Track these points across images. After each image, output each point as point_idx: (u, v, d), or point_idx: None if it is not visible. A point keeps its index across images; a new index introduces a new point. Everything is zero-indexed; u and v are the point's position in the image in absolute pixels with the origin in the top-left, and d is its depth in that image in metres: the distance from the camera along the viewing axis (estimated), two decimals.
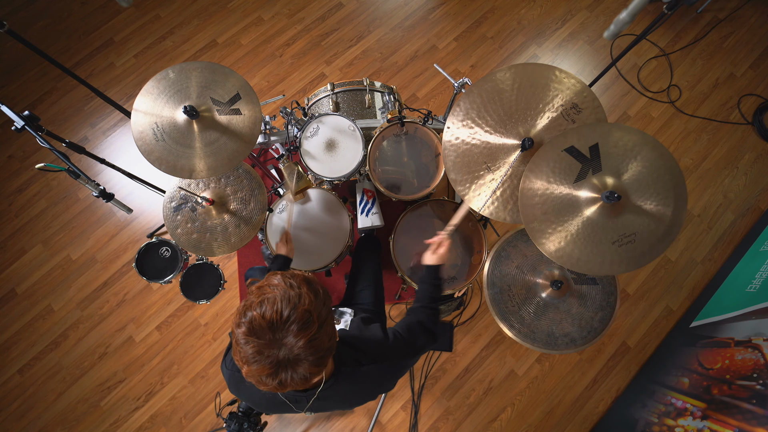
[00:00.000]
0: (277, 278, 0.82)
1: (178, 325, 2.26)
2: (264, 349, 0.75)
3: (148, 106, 1.28)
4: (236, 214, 1.49)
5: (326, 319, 0.82)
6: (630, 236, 1.06)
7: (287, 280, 0.81)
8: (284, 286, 0.80)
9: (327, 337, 0.81)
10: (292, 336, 0.75)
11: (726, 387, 1.71)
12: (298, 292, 0.79)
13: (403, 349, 1.08)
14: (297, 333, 0.75)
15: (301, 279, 0.83)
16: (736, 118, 2.62)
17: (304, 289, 0.80)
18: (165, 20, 2.75)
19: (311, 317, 0.78)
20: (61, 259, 2.35)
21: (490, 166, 1.23)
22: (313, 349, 0.77)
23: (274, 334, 0.75)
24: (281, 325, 0.75)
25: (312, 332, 0.77)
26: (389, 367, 1.04)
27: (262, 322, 0.75)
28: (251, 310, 0.77)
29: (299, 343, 0.75)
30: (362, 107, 1.80)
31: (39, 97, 2.60)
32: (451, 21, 2.76)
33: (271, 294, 0.78)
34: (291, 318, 0.76)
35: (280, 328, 0.75)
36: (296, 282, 0.81)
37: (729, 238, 2.43)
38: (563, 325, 1.34)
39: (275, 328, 0.75)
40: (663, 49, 2.71)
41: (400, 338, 1.09)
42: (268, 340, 0.75)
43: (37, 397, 2.17)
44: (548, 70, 1.21)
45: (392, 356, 1.06)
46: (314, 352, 0.78)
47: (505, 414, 2.18)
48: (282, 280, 0.81)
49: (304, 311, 0.77)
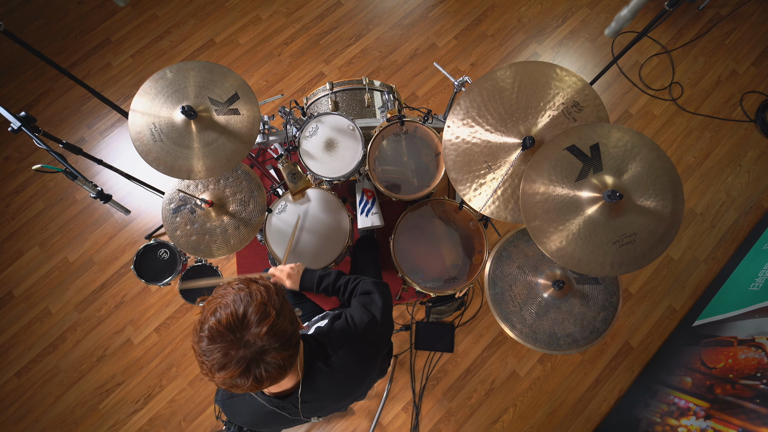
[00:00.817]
0: (223, 287, 0.85)
1: (177, 327, 2.26)
2: (230, 351, 0.76)
3: (145, 107, 1.28)
4: (235, 216, 1.49)
5: (282, 306, 0.84)
6: (631, 236, 1.06)
7: (234, 284, 0.84)
8: (233, 290, 0.82)
9: (288, 321, 0.83)
10: (253, 328, 0.77)
11: (729, 386, 1.71)
12: (248, 291, 0.82)
13: (361, 321, 1.06)
14: (257, 324, 0.78)
15: (248, 280, 0.86)
16: (739, 116, 2.62)
17: (252, 287, 0.83)
18: (162, 19, 2.75)
19: (266, 308, 0.80)
20: (58, 261, 2.35)
21: (491, 165, 1.23)
22: (277, 335, 0.79)
23: (235, 334, 0.77)
24: (239, 324, 0.78)
25: (271, 320, 0.79)
26: (357, 342, 1.03)
27: (220, 327, 0.77)
28: (207, 321, 0.78)
29: (261, 332, 0.77)
30: (361, 106, 1.80)
31: (35, 98, 2.60)
32: (451, 19, 2.76)
33: (222, 300, 0.80)
34: (247, 313, 0.78)
35: (239, 328, 0.77)
36: (243, 283, 0.84)
37: (732, 236, 2.43)
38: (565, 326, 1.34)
39: (235, 328, 0.77)
40: (664, 47, 2.71)
41: (355, 315, 1.07)
42: (231, 341, 0.76)
43: (34, 401, 2.17)
44: (549, 68, 1.21)
45: (354, 333, 1.04)
46: (278, 338, 0.79)
47: (507, 415, 2.18)
48: (228, 286, 0.84)
49: (259, 304, 0.80)
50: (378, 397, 2.16)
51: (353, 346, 1.03)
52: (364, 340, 1.05)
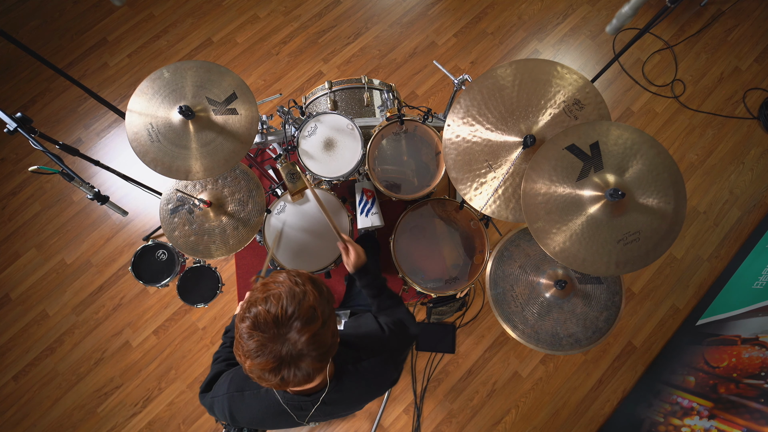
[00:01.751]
0: (282, 276, 0.84)
1: (176, 329, 2.26)
2: (267, 343, 0.76)
3: (142, 107, 1.28)
4: (234, 216, 1.49)
5: (329, 317, 0.84)
6: (634, 234, 1.06)
7: (292, 277, 0.83)
8: (289, 283, 0.82)
9: (330, 333, 0.83)
10: (295, 332, 0.77)
11: (733, 386, 1.71)
12: (303, 289, 0.81)
13: (398, 338, 1.11)
14: (301, 329, 0.77)
15: (306, 277, 0.85)
16: (742, 113, 2.62)
17: (308, 287, 0.82)
18: (159, 19, 2.75)
19: (315, 313, 0.80)
20: (55, 263, 2.35)
21: (492, 164, 1.23)
22: (317, 344, 0.79)
23: (278, 329, 0.77)
24: (285, 321, 0.77)
25: (316, 328, 0.79)
26: (390, 356, 1.06)
27: (267, 317, 0.77)
28: (256, 305, 0.79)
29: (303, 338, 0.77)
30: (361, 105, 1.80)
31: (31, 99, 2.60)
32: (451, 17, 2.76)
33: (276, 290, 0.80)
34: (295, 314, 0.78)
35: (284, 324, 0.77)
36: (301, 279, 0.84)
37: (735, 234, 2.44)
38: (567, 326, 1.34)
39: (279, 324, 0.77)
40: (667, 42, 2.71)
41: (393, 330, 1.12)
42: (272, 335, 0.77)
43: (32, 404, 2.17)
44: (550, 66, 1.21)
45: (390, 347, 1.08)
46: (317, 347, 0.79)
47: (510, 416, 2.18)
48: (287, 278, 0.83)
49: (309, 307, 0.79)
50: (379, 399, 2.16)
51: (386, 357, 1.05)
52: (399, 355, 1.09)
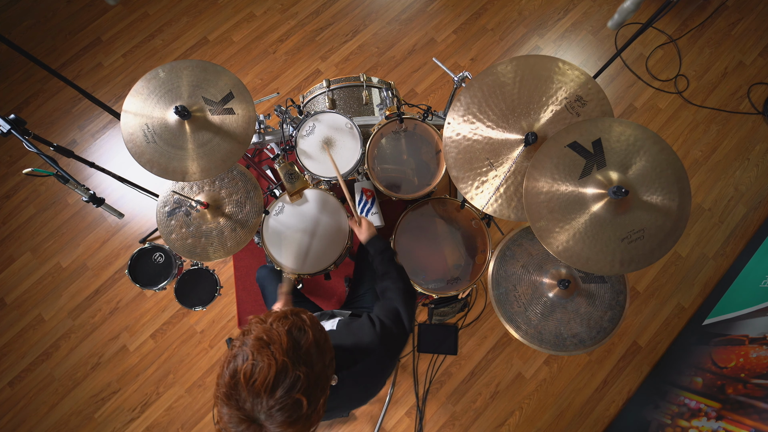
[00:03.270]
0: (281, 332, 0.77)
1: (174, 333, 2.26)
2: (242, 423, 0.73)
3: (137, 107, 1.28)
4: (232, 218, 1.49)
5: (319, 405, 0.78)
6: (639, 232, 1.06)
7: (291, 341, 0.77)
8: (285, 353, 0.75)
9: (313, 424, 0.78)
10: (275, 425, 0.73)
11: (741, 386, 1.71)
12: (296, 374, 0.74)
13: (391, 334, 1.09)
14: (281, 424, 0.72)
15: (310, 342, 0.79)
16: (746, 108, 2.62)
17: (303, 367, 0.76)
18: (154, 18, 2.75)
19: (300, 408, 0.74)
20: (50, 266, 2.35)
21: (493, 162, 1.23)
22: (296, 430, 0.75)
23: (254, 406, 0.72)
24: (266, 402, 0.72)
25: (298, 424, 0.74)
26: (384, 352, 1.05)
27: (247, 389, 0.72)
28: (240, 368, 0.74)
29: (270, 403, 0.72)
30: (359, 104, 1.80)
31: (25, 100, 2.60)
32: (450, 13, 2.76)
33: (268, 360, 0.73)
34: (279, 402, 0.72)
35: (263, 405, 0.72)
36: (302, 347, 0.78)
37: (741, 232, 2.43)
38: (571, 326, 1.34)
39: (259, 401, 0.72)
40: (670, 36, 2.71)
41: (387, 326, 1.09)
42: (248, 411, 0.72)
43: (28, 410, 2.17)
44: (551, 62, 1.21)
45: (383, 342, 1.07)
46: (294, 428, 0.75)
47: (513, 418, 2.18)
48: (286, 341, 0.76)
49: (296, 401, 0.73)
50: (380, 401, 2.16)
51: (380, 353, 1.04)
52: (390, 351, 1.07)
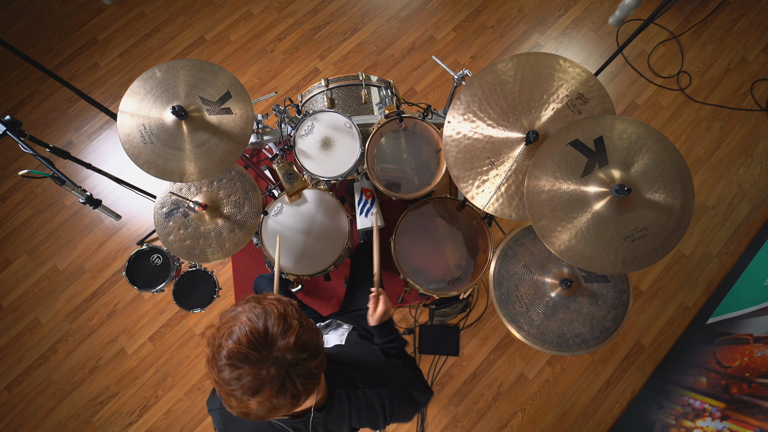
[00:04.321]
0: (231, 308, 0.81)
1: (172, 335, 2.26)
2: (260, 371, 0.73)
3: (134, 108, 1.28)
4: (230, 219, 1.49)
5: (300, 317, 0.82)
6: (642, 231, 1.06)
7: (242, 304, 0.81)
8: (243, 309, 0.79)
9: (312, 333, 0.81)
10: (279, 341, 0.75)
11: (746, 386, 1.71)
12: (261, 306, 0.79)
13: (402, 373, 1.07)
14: (282, 336, 0.75)
15: (257, 297, 0.83)
16: (750, 105, 2.62)
17: (265, 302, 0.80)
18: (150, 17, 2.75)
19: (287, 319, 0.78)
20: (47, 269, 2.35)
21: (494, 161, 1.23)
22: (304, 346, 0.77)
23: (261, 351, 0.74)
24: (263, 339, 0.74)
25: (296, 329, 0.77)
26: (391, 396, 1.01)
27: (242, 348, 0.73)
28: (224, 348, 0.74)
29: (289, 344, 0.75)
30: (358, 103, 1.80)
31: (20, 101, 2.60)
32: (449, 10, 2.76)
33: (235, 322, 0.76)
34: (269, 327, 0.75)
35: (264, 344, 0.74)
36: (253, 301, 0.81)
37: (745, 229, 2.43)
38: (574, 326, 1.34)
39: (260, 346, 0.74)
40: (672, 32, 2.71)
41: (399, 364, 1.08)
42: (258, 360, 0.73)
43: (26, 415, 2.17)
44: (552, 60, 1.21)
45: (391, 380, 1.04)
46: (306, 348, 0.78)
47: (516, 420, 2.18)
48: (239, 306, 0.80)
49: (278, 316, 0.77)
50: None
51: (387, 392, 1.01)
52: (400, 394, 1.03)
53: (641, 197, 1.07)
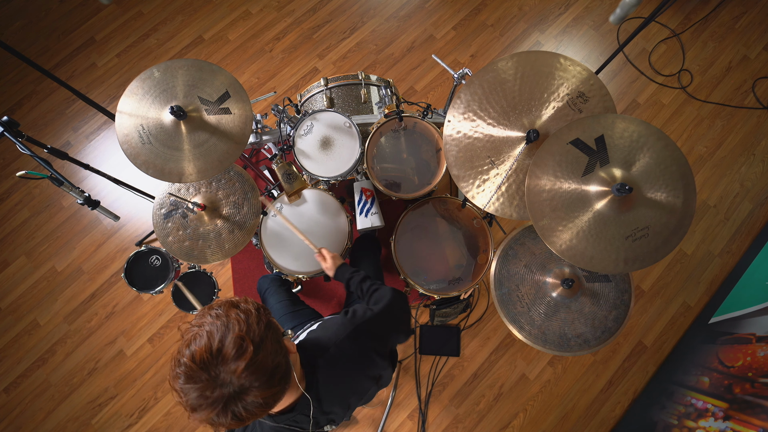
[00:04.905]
0: (199, 315, 0.81)
1: (171, 337, 2.26)
2: (205, 391, 0.73)
3: (132, 108, 1.28)
4: (229, 219, 1.49)
5: (264, 337, 0.79)
6: (643, 230, 1.06)
7: (212, 311, 0.80)
8: (210, 319, 0.78)
9: (270, 355, 0.79)
10: (230, 364, 0.74)
11: (749, 385, 1.71)
12: (225, 321, 0.77)
13: (363, 314, 1.09)
14: (234, 359, 0.74)
15: (228, 305, 0.82)
16: (751, 103, 2.62)
17: (232, 315, 0.79)
18: (148, 17, 2.75)
19: (244, 342, 0.76)
20: (45, 270, 2.35)
21: (494, 160, 1.23)
22: (257, 373, 0.75)
23: (210, 371, 0.73)
24: (214, 359, 0.74)
25: (248, 356, 0.75)
26: (354, 332, 1.04)
27: (194, 365, 0.73)
28: (182, 356, 0.75)
29: (238, 369, 0.73)
30: (358, 102, 1.80)
31: (18, 102, 2.60)
32: (449, 9, 2.76)
33: (199, 330, 0.77)
34: (223, 348, 0.74)
35: (213, 364, 0.74)
36: (222, 310, 0.80)
37: (747, 228, 2.43)
38: (576, 326, 1.34)
39: (209, 365, 0.73)
40: (674, 30, 2.71)
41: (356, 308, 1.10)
42: (206, 380, 0.73)
43: (24, 417, 2.17)
44: (552, 58, 1.21)
45: (352, 323, 1.06)
46: (259, 375, 0.76)
47: (518, 420, 2.18)
48: (204, 314, 0.80)
49: (236, 337, 0.75)
50: (382, 404, 2.16)
51: (351, 334, 1.04)
52: (362, 330, 1.06)
53: (643, 196, 1.07)
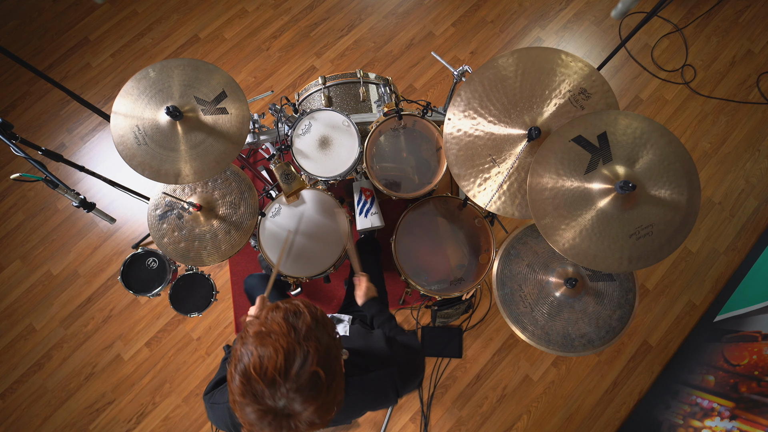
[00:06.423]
0: (279, 321, 0.75)
1: (169, 340, 2.26)
2: (267, 414, 0.70)
3: (128, 108, 1.28)
4: (226, 220, 1.49)
5: (336, 373, 0.76)
6: (647, 228, 1.06)
7: (290, 326, 0.74)
8: (287, 336, 0.72)
9: (337, 393, 0.77)
10: (298, 403, 0.70)
11: (755, 384, 1.71)
12: (305, 348, 0.72)
13: (403, 351, 1.11)
14: (304, 401, 0.70)
15: (308, 322, 0.76)
16: (756, 98, 2.62)
17: (311, 340, 0.74)
18: (143, 16, 2.75)
19: (320, 379, 0.72)
20: (41, 274, 2.35)
21: (496, 158, 1.23)
22: (324, 410, 0.73)
23: (275, 396, 0.70)
24: (285, 386, 0.70)
25: (321, 397, 0.72)
26: (397, 372, 1.05)
27: (262, 384, 0.69)
28: (250, 365, 0.71)
29: (307, 411, 0.71)
30: (356, 101, 1.80)
31: (11, 103, 2.60)
32: (448, 5, 2.76)
33: (273, 347, 0.71)
34: (297, 381, 0.70)
35: (282, 391, 0.70)
36: (302, 328, 0.75)
37: (753, 225, 2.43)
38: (579, 326, 1.34)
39: (277, 389, 0.69)
40: (676, 25, 2.71)
41: (401, 346, 1.12)
42: (271, 405, 0.70)
43: (21, 423, 2.17)
44: (553, 54, 1.21)
45: (396, 359, 1.07)
46: (325, 412, 0.73)
47: (521, 422, 2.18)
48: (284, 326, 0.74)
49: (312, 373, 0.71)
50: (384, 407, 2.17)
51: (394, 371, 1.04)
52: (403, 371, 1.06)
53: (646, 194, 1.07)
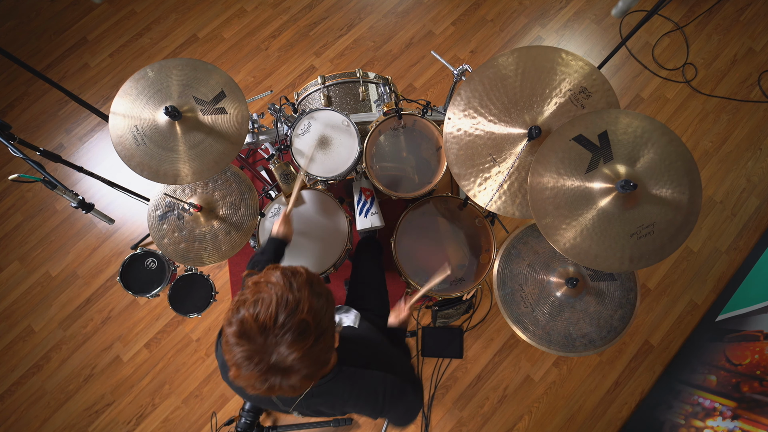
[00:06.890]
0: (276, 275, 0.80)
1: (168, 341, 2.26)
2: (254, 355, 0.73)
3: (126, 109, 1.28)
4: (226, 220, 1.49)
5: (326, 330, 0.80)
6: (648, 227, 1.06)
7: (287, 279, 0.79)
8: (283, 286, 0.77)
9: (324, 350, 0.80)
10: (285, 346, 0.74)
11: (757, 384, 1.71)
12: (298, 297, 0.77)
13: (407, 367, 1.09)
14: (291, 344, 0.74)
15: (304, 280, 0.80)
16: (757, 96, 2.62)
17: (305, 293, 0.78)
18: (141, 15, 2.75)
19: (308, 327, 0.76)
20: (39, 276, 2.35)
21: (496, 157, 1.23)
22: (308, 362, 0.76)
23: (266, 339, 0.74)
24: (274, 331, 0.74)
25: (308, 345, 0.75)
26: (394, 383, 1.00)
27: (254, 325, 0.73)
28: (244, 308, 0.75)
29: (292, 355, 0.74)
30: (356, 100, 1.80)
31: (9, 104, 2.60)
32: (448, 4, 2.76)
33: (267, 294, 0.76)
34: (286, 325, 0.74)
35: (273, 334, 0.74)
36: (297, 283, 0.79)
37: (754, 224, 2.43)
38: (581, 326, 1.34)
39: (267, 333, 0.74)
40: (677, 24, 2.71)
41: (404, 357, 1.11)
42: (260, 345, 0.73)
43: (20, 425, 2.17)
44: (554, 53, 1.21)
45: (397, 368, 1.05)
46: (308, 365, 0.77)
47: (523, 423, 2.18)
48: (281, 279, 0.79)
49: (301, 320, 0.75)
50: None
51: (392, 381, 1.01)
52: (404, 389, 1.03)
53: (647, 193, 1.07)
